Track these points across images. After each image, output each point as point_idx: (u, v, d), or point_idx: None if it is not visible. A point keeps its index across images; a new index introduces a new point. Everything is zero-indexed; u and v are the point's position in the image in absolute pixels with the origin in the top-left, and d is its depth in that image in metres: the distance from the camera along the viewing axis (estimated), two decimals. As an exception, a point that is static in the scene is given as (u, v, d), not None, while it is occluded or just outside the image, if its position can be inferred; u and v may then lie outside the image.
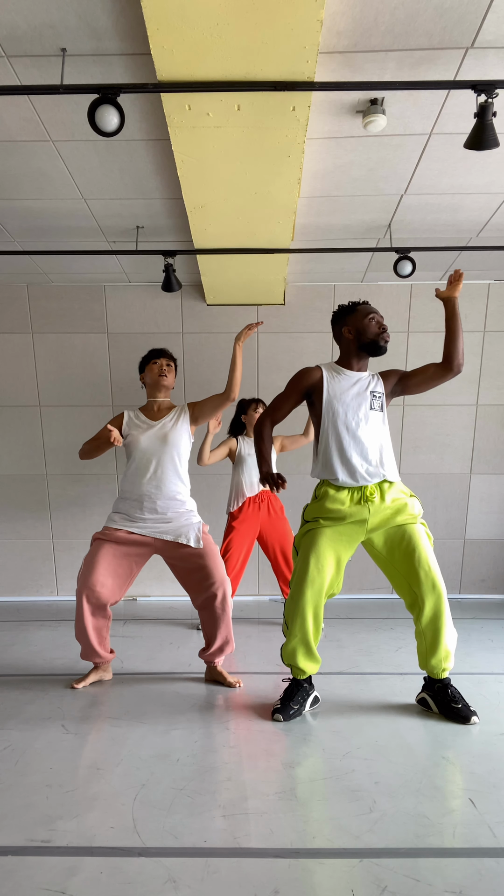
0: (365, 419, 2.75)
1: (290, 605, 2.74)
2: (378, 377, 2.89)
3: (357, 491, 2.74)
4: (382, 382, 2.88)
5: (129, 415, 3.28)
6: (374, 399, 2.79)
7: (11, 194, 3.73)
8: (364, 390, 2.80)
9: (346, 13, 2.31)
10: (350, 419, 2.75)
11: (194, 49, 2.28)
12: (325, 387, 2.79)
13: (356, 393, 2.78)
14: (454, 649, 2.75)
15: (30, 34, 2.42)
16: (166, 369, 3.27)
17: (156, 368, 3.26)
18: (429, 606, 2.68)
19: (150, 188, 3.65)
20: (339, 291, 5.31)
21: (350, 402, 2.76)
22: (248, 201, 3.40)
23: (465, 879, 1.61)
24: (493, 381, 5.38)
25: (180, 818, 1.90)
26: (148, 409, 3.30)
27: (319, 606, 2.72)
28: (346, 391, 2.79)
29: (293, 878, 1.62)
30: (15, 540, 5.52)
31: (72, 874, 1.64)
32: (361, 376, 2.84)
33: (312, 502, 2.83)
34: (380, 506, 2.72)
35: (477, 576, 5.57)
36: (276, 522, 4.33)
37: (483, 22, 2.36)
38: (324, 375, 2.82)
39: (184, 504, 3.16)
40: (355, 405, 2.76)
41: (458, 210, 3.96)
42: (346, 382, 2.81)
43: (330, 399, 2.78)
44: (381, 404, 2.82)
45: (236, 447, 4.40)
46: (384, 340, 2.82)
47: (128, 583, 3.16)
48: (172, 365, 3.32)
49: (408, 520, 2.75)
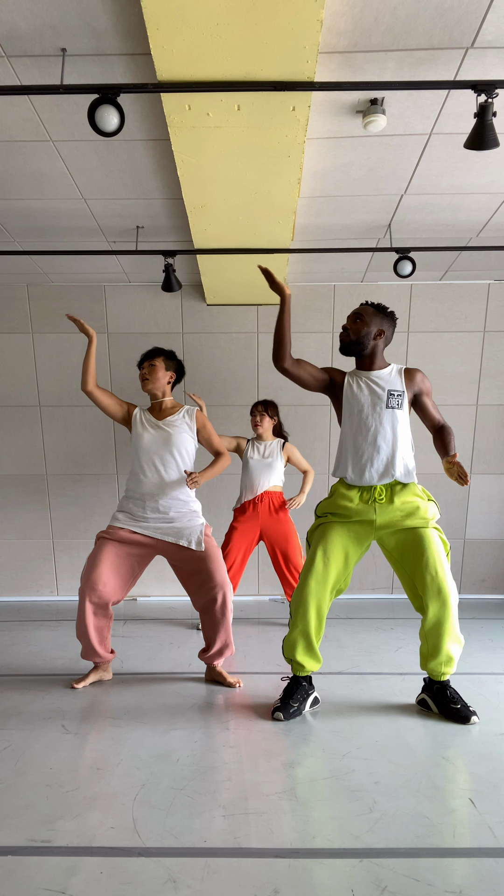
0: (380, 419, 2.75)
1: (296, 597, 2.77)
2: (401, 373, 2.86)
3: (366, 491, 2.75)
4: (405, 380, 2.84)
5: (139, 411, 3.27)
6: (391, 397, 2.78)
7: (11, 194, 3.73)
8: (381, 389, 2.79)
9: (346, 13, 2.31)
10: (364, 419, 2.77)
11: (194, 49, 2.27)
12: (346, 387, 2.83)
13: (372, 392, 2.79)
14: (458, 655, 2.74)
15: (30, 34, 2.42)
16: (147, 372, 3.21)
17: (140, 377, 3.25)
18: (432, 612, 2.68)
19: (150, 188, 3.65)
20: (339, 291, 5.31)
21: (365, 402, 2.78)
22: (248, 201, 3.40)
23: (465, 879, 1.61)
24: (493, 381, 5.38)
25: (180, 818, 1.90)
26: (153, 409, 3.28)
27: (323, 599, 2.73)
28: (363, 390, 2.81)
29: (293, 878, 1.62)
30: (15, 540, 5.52)
31: (72, 874, 1.64)
32: (380, 374, 2.84)
33: (325, 498, 2.88)
34: (387, 507, 2.73)
35: (477, 576, 5.57)
36: (278, 523, 4.32)
37: (483, 22, 2.36)
38: (346, 378, 2.86)
39: (187, 504, 3.15)
40: (370, 404, 2.77)
41: (458, 210, 3.96)
42: (362, 382, 2.83)
43: (348, 399, 2.81)
44: (400, 402, 2.79)
45: (244, 447, 4.39)
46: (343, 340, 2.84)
47: (130, 582, 3.16)
48: (157, 364, 3.21)
49: (419, 523, 2.74)
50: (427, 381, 2.91)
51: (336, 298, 5.29)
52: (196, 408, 3.29)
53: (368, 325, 2.81)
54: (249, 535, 4.31)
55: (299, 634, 2.74)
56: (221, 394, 5.36)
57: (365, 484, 2.75)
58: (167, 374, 3.24)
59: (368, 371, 2.86)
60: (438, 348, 5.34)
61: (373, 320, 2.82)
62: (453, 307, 5.30)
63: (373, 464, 2.74)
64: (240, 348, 5.36)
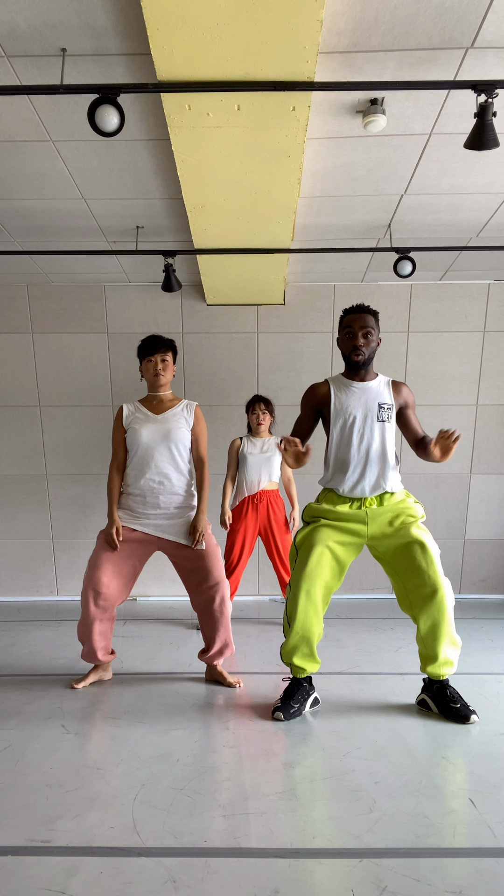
0: (370, 432, 2.74)
1: (290, 602, 2.74)
2: (389, 386, 2.83)
3: (357, 501, 2.76)
4: (393, 393, 2.82)
5: (129, 408, 3.19)
6: (381, 410, 2.76)
7: (11, 194, 3.73)
8: (371, 402, 2.76)
9: (346, 13, 2.31)
10: (354, 432, 2.74)
11: (194, 49, 2.27)
12: (332, 401, 2.78)
13: (362, 405, 2.76)
14: (456, 657, 2.74)
15: (30, 34, 2.42)
16: (161, 366, 3.14)
17: (151, 367, 3.15)
18: (427, 616, 2.68)
19: (150, 188, 3.65)
20: (339, 291, 5.31)
21: (356, 415, 2.75)
22: (248, 201, 3.40)
23: (465, 879, 1.61)
24: (493, 381, 5.38)
25: (180, 818, 1.90)
26: (149, 402, 3.21)
27: (318, 603, 2.72)
28: (352, 403, 2.76)
29: (293, 878, 1.62)
30: (15, 540, 5.52)
31: (72, 874, 1.64)
32: (368, 386, 2.80)
33: (313, 503, 2.85)
34: (378, 509, 2.74)
35: (477, 576, 5.57)
36: (277, 523, 4.33)
37: (483, 22, 2.36)
38: (331, 390, 2.80)
39: (186, 499, 3.15)
40: (361, 417, 2.75)
41: (458, 210, 3.96)
42: (351, 395, 2.78)
43: (336, 413, 2.77)
44: (389, 415, 2.78)
45: (240, 445, 4.39)
46: (355, 356, 2.74)
47: (132, 582, 3.15)
48: (168, 359, 3.16)
49: (409, 521, 2.75)
50: (412, 395, 2.89)
51: (336, 298, 5.29)
52: (196, 403, 3.28)
53: (376, 338, 2.78)
54: (248, 536, 4.31)
55: (298, 641, 2.73)
56: (221, 394, 5.36)
57: (356, 496, 2.76)
58: (174, 368, 3.23)
59: (361, 382, 2.81)
60: (438, 348, 5.34)
61: (376, 330, 2.79)
62: (453, 307, 5.30)
63: (364, 477, 2.73)
64: (240, 348, 5.36)
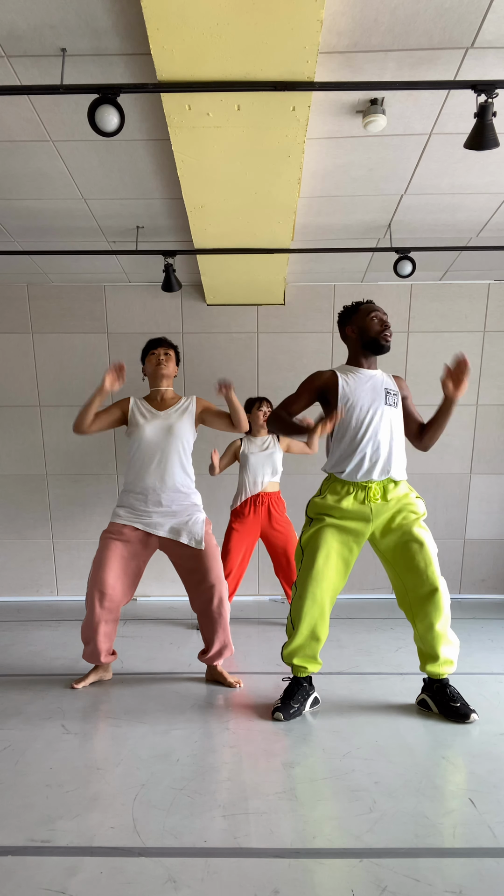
0: (380, 415, 2.76)
1: (297, 604, 2.73)
2: (391, 377, 2.93)
3: (361, 490, 2.74)
4: (396, 384, 2.91)
5: (135, 401, 3.24)
6: (388, 395, 2.82)
7: (11, 194, 3.73)
8: (379, 387, 2.82)
9: (346, 13, 2.31)
10: (365, 414, 2.76)
11: (194, 49, 2.27)
12: (341, 384, 2.81)
13: (371, 388, 2.80)
14: (455, 656, 2.74)
15: (30, 34, 2.42)
16: (164, 358, 3.21)
17: (153, 359, 3.22)
18: (425, 616, 2.68)
19: (150, 188, 3.65)
20: (339, 291, 5.31)
21: (365, 398, 2.78)
22: (248, 201, 3.40)
23: (465, 879, 1.61)
24: (493, 381, 5.38)
25: (180, 818, 1.90)
26: (152, 399, 3.25)
27: (326, 606, 2.72)
28: (362, 387, 2.81)
29: (293, 878, 1.62)
30: (15, 540, 5.52)
31: (72, 874, 1.64)
32: (375, 374, 2.87)
33: (317, 498, 2.83)
34: (382, 504, 2.73)
35: (477, 576, 5.57)
36: (279, 523, 4.32)
37: (483, 22, 2.36)
38: (339, 376, 2.84)
39: (188, 497, 3.14)
40: (369, 400, 2.78)
41: (458, 210, 3.96)
42: (361, 380, 2.83)
43: (346, 395, 2.79)
44: (396, 401, 2.85)
45: (240, 446, 4.40)
46: (385, 338, 2.83)
47: (136, 583, 3.15)
48: (171, 353, 3.25)
49: (411, 518, 2.75)
50: (408, 388, 3.03)
51: (336, 298, 5.29)
52: (195, 395, 3.29)
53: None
54: (249, 537, 4.31)
55: (303, 642, 2.73)
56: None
57: (361, 480, 2.75)
58: (176, 367, 3.28)
59: (368, 370, 2.87)
60: (438, 348, 5.34)
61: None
62: (453, 307, 5.30)
63: (371, 459, 2.73)
64: (240, 348, 5.36)
